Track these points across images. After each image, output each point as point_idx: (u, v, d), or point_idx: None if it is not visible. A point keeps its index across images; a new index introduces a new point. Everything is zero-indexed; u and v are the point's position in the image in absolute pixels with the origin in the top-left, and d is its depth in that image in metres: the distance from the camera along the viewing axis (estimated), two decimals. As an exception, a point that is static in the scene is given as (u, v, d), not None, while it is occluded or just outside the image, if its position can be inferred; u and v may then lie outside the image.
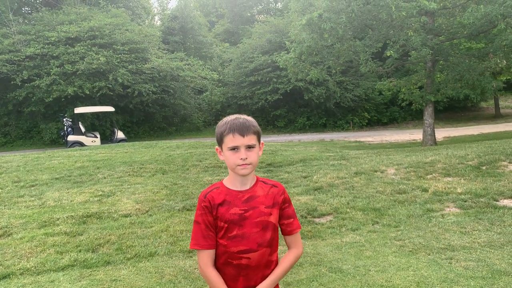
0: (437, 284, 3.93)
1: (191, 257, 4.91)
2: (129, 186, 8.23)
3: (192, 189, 7.84)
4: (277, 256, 1.98)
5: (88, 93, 23.46)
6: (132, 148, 13.62)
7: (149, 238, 5.42)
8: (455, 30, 13.70)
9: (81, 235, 5.52)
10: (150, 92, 24.91)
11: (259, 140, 1.87)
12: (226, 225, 1.84)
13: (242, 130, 1.79)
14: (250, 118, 1.86)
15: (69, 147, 18.62)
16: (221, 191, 1.89)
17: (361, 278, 4.16)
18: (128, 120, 26.21)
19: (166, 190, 7.77)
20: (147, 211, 6.54)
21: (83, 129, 21.05)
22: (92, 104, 24.02)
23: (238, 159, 1.79)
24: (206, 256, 1.87)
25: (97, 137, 20.90)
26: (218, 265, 1.89)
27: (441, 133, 18.54)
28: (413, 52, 15.44)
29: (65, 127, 20.73)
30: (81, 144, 19.62)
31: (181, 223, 5.98)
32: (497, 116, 24.59)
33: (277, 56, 17.91)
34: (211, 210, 1.86)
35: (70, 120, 21.19)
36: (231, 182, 1.91)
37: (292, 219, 1.96)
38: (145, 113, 26.75)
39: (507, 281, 3.89)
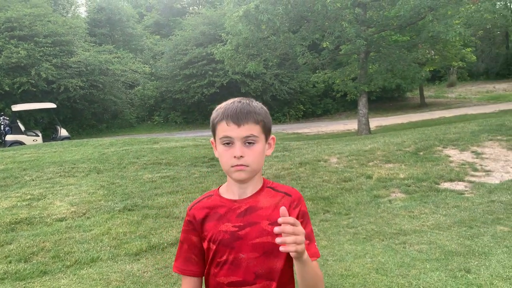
0: (395, 269, 3.94)
1: (138, 260, 4.58)
2: (61, 187, 7.60)
3: (131, 188, 7.40)
4: None
5: (8, 89, 21.59)
6: (61, 147, 12.70)
7: (89, 242, 5.02)
8: (385, 22, 14.20)
9: (10, 244, 4.96)
10: (78, 87, 23.49)
11: (266, 133, 1.38)
12: (214, 247, 1.38)
13: (238, 116, 1.31)
14: (255, 103, 1.39)
15: (8, 147, 16.97)
16: (212, 201, 1.44)
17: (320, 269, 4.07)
18: (54, 118, 24.56)
19: (103, 190, 7.27)
20: (84, 214, 6.07)
21: (22, 128, 19.40)
22: (13, 102, 22.14)
23: (232, 157, 1.32)
24: (187, 284, 1.46)
25: (38, 136, 19.39)
26: None
27: (373, 123, 19.23)
28: (343, 46, 15.85)
29: (2, 126, 18.93)
30: (21, 143, 18.03)
31: (124, 224, 5.59)
32: (422, 105, 26.04)
33: (212, 48, 17.56)
34: (196, 227, 1.43)
35: (7, 118, 19.39)
36: (227, 189, 1.44)
37: (308, 242, 1.34)
38: (73, 110, 25.20)
39: (459, 261, 3.99)
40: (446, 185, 6.44)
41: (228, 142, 1.33)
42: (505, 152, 7.86)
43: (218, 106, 1.39)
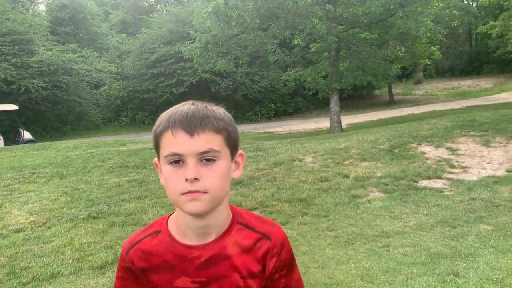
0: (381, 275, 3.72)
1: (103, 273, 4.21)
2: (20, 195, 7.09)
3: (96, 194, 6.97)
4: None
5: (-37, 91, 20.48)
6: (22, 151, 12.00)
7: (49, 255, 4.62)
8: (355, 19, 14.14)
9: (-42, 261, 4.47)
10: (40, 88, 22.48)
11: (231, 147, 0.99)
12: None
13: (191, 122, 0.93)
14: (213, 107, 1.00)
15: None
16: (159, 242, 1.03)
17: (302, 278, 3.80)
18: (15, 120, 23.45)
19: (66, 197, 6.80)
20: (44, 223, 5.62)
21: None
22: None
23: (182, 180, 0.92)
24: None
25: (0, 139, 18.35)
26: None
27: (344, 120, 19.15)
28: (313, 44, 15.68)
29: None
30: None
31: (88, 234, 5.19)
32: (391, 103, 26.30)
33: (181, 46, 17.09)
34: (137, 275, 1.04)
35: None
36: (179, 227, 1.03)
37: None
38: (35, 111, 24.13)
39: (446, 264, 3.81)
40: (424, 183, 6.31)
41: (177, 161, 0.93)
42: (480, 148, 7.84)
43: (164, 112, 1.00)
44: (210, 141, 0.93)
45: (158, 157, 0.99)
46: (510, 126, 9.27)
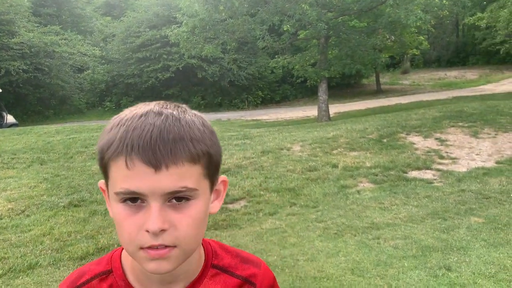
0: (372, 269, 3.63)
1: (83, 265, 4.01)
2: (-3, 181, 6.83)
3: (78, 181, 6.76)
4: None
5: None
6: (1, 136, 11.65)
7: (27, 245, 4.45)
8: (345, 7, 13.94)
9: None
10: (21, 71, 21.91)
11: (211, 176, 0.70)
12: None
13: (156, 151, 0.61)
14: (188, 116, 0.67)
15: None
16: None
17: (290, 271, 3.70)
18: (-3, 104, 22.87)
19: (46, 184, 6.58)
20: (23, 211, 5.43)
21: None
22: None
23: (141, 230, 0.64)
24: None
25: None
26: None
27: (331, 109, 19.07)
28: (302, 31, 15.45)
29: None
30: None
31: (68, 222, 5.01)
32: (378, 92, 26.29)
33: (167, 30, 16.73)
34: None
35: None
36: (136, 272, 0.76)
37: None
38: (16, 95, 23.54)
39: (438, 258, 3.73)
40: (414, 173, 6.25)
41: (135, 198, 0.64)
42: (468, 139, 7.80)
43: (114, 120, 0.69)
44: (184, 176, 0.63)
45: (106, 185, 0.69)
46: (498, 117, 9.27)
